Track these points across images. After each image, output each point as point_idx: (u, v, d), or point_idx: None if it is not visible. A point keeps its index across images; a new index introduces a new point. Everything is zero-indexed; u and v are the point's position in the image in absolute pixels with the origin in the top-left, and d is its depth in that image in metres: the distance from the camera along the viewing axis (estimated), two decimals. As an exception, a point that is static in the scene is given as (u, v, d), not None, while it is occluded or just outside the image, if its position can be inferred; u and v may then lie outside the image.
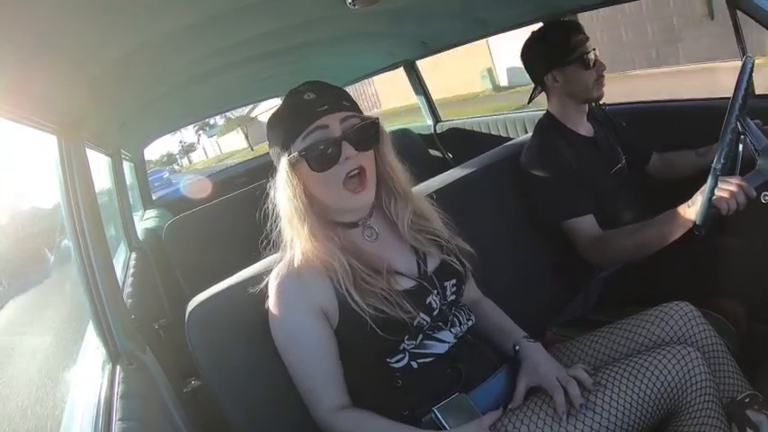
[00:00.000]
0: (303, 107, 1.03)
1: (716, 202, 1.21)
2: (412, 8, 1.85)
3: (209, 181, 4.00)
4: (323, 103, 1.02)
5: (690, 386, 0.96)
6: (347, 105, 1.05)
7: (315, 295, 1.02)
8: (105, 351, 1.18)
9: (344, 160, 1.01)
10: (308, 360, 1.03)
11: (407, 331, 1.02)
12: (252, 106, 17.16)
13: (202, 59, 1.73)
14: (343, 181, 1.02)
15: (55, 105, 1.25)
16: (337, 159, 1.01)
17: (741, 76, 1.24)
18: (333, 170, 1.01)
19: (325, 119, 1.01)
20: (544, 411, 0.97)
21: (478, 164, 1.70)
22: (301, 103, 1.03)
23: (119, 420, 0.92)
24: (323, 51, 2.42)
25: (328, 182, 1.02)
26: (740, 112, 1.22)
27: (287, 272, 1.04)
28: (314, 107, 1.02)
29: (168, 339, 1.68)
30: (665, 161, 1.82)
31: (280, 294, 1.03)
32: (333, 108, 1.02)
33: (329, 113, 1.02)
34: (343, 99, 1.06)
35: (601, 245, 1.50)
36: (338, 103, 1.04)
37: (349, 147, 1.01)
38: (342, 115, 1.03)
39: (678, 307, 1.11)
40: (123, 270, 2.09)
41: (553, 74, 1.62)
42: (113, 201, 2.58)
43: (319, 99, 1.03)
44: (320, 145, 1.00)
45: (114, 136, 2.34)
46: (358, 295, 0.99)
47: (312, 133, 1.01)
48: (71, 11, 0.87)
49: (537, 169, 1.58)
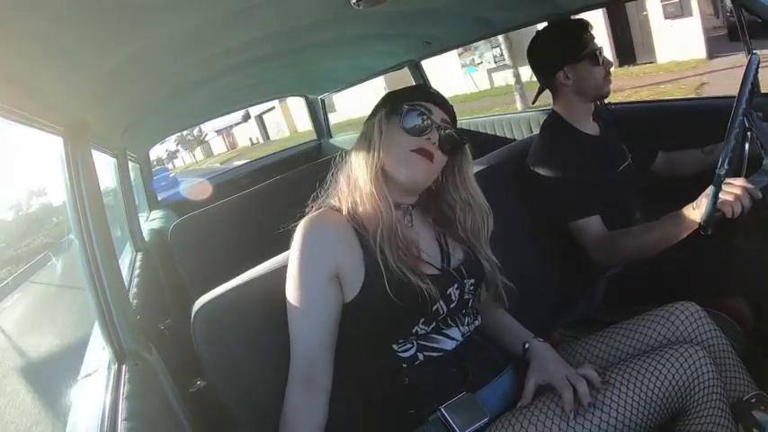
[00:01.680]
0: (424, 91, 1.20)
1: (721, 205, 1.20)
2: (416, 8, 1.85)
3: (209, 183, 4.00)
4: (440, 99, 1.17)
5: (697, 385, 0.96)
6: (452, 118, 1.20)
7: (338, 255, 1.04)
8: (111, 351, 1.19)
9: (427, 139, 1.11)
10: (314, 326, 1.04)
11: (425, 313, 1.03)
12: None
13: (207, 61, 1.74)
14: (412, 148, 1.11)
15: (61, 107, 1.26)
16: (421, 133, 1.11)
17: (747, 73, 1.23)
18: (413, 138, 1.11)
19: (436, 109, 1.15)
20: (552, 411, 0.97)
21: (483, 164, 1.69)
22: (422, 87, 1.27)
23: (124, 420, 0.92)
24: (328, 53, 2.42)
25: (403, 142, 1.11)
26: (746, 109, 1.21)
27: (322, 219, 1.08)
28: (433, 97, 1.17)
29: (173, 340, 1.68)
30: (671, 160, 1.81)
31: (307, 239, 1.06)
32: (444, 108, 1.17)
33: (440, 108, 1.16)
34: (452, 112, 1.20)
35: (607, 245, 1.49)
36: (449, 109, 1.18)
37: (436, 135, 1.12)
38: (446, 117, 1.17)
39: (684, 307, 1.11)
40: (129, 271, 2.10)
41: (565, 70, 1.62)
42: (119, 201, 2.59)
43: (438, 96, 1.18)
44: (422, 116, 1.13)
45: (119, 137, 2.35)
46: (390, 253, 1.03)
47: (421, 105, 1.14)
48: (76, 14, 0.88)
49: (543, 169, 1.57)
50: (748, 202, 1.20)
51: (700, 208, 1.24)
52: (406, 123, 1.11)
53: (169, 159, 38.71)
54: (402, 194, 1.14)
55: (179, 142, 34.12)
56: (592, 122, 1.71)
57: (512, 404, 1.04)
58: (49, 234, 13.84)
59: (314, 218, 1.08)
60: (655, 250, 1.39)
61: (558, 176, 1.55)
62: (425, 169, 1.11)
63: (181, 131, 12.08)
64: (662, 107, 2.14)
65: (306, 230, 1.06)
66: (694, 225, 1.26)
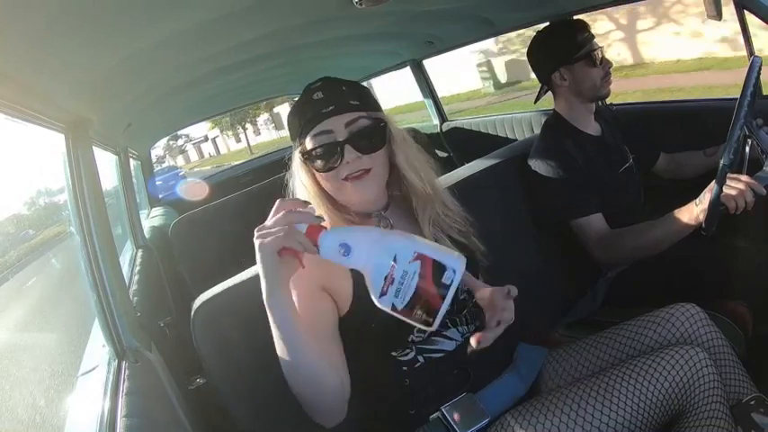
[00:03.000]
0: (310, 107, 1.03)
1: (724, 199, 1.20)
2: (418, 8, 1.85)
3: (205, 184, 3.98)
4: (329, 104, 1.02)
5: (697, 386, 0.96)
6: (355, 105, 1.04)
7: (323, 274, 0.99)
8: (111, 348, 1.19)
9: (346, 163, 1.01)
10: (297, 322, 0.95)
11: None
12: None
13: (209, 59, 1.74)
14: (341, 178, 1.02)
15: (63, 104, 1.26)
16: (339, 162, 1.01)
17: (749, 76, 1.24)
18: (335, 171, 1.02)
19: (329, 122, 1.01)
20: (552, 412, 0.97)
21: (485, 163, 1.70)
22: (309, 103, 1.03)
23: (123, 417, 0.92)
24: (330, 51, 2.42)
25: (329, 178, 1.03)
26: (747, 111, 1.21)
27: None
28: (319, 109, 1.02)
29: (174, 337, 1.69)
30: (673, 161, 1.81)
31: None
32: (338, 109, 1.02)
33: (334, 115, 1.01)
34: (352, 98, 1.04)
35: (609, 244, 1.49)
36: (345, 103, 1.03)
37: (352, 150, 1.00)
38: (348, 117, 1.02)
39: (685, 308, 1.11)
40: (129, 268, 2.10)
41: (560, 72, 1.62)
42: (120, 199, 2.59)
43: (326, 100, 1.02)
44: (323, 149, 1.01)
45: (121, 135, 2.35)
46: None
47: (317, 136, 1.02)
48: (78, 11, 0.88)
49: (545, 169, 1.57)
50: (751, 197, 1.20)
51: (702, 204, 1.24)
52: (318, 165, 1.02)
53: (158, 163, 39.37)
54: (361, 206, 1.09)
55: (166, 149, 34.78)
56: (593, 123, 1.70)
57: (513, 405, 1.04)
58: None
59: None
60: (657, 249, 1.39)
61: (559, 176, 1.54)
62: (365, 187, 1.03)
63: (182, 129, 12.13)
64: (664, 108, 2.14)
65: None
66: (697, 222, 1.26)
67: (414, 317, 0.80)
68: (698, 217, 1.26)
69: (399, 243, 0.81)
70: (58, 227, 4.65)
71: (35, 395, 1.62)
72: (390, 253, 0.79)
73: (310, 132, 1.02)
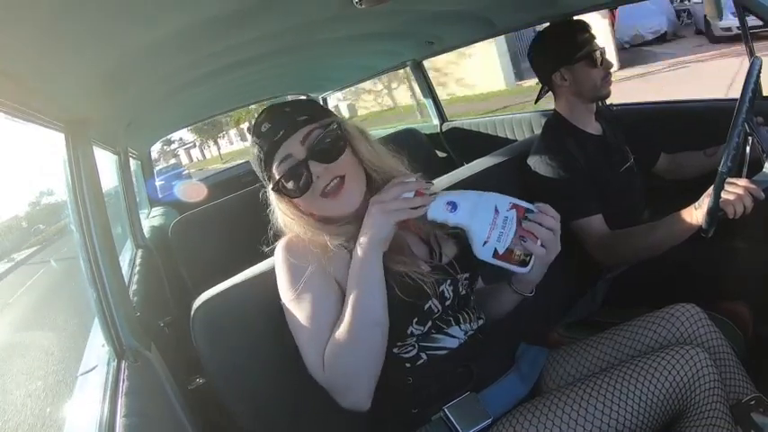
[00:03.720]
0: (263, 141, 1.06)
1: (723, 205, 1.21)
2: (418, 8, 1.85)
3: (203, 185, 3.96)
4: (278, 131, 1.04)
5: (698, 387, 0.96)
6: (305, 119, 1.05)
7: (329, 261, 1.02)
8: (110, 348, 1.19)
9: (317, 178, 1.02)
10: (316, 316, 0.99)
11: (416, 313, 1.02)
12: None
13: (210, 58, 1.74)
14: (320, 193, 1.03)
15: (62, 104, 1.26)
16: (310, 180, 1.03)
17: (749, 77, 1.24)
18: (309, 191, 1.04)
19: (285, 146, 1.04)
20: (553, 412, 0.97)
21: (485, 164, 1.70)
22: (261, 137, 1.06)
23: (123, 417, 0.92)
24: (329, 51, 2.42)
25: (308, 199, 1.05)
26: (747, 113, 1.21)
27: (296, 240, 1.06)
28: (271, 138, 1.04)
29: (173, 337, 1.69)
30: (674, 161, 1.81)
31: (291, 249, 1.04)
32: (289, 132, 1.04)
33: (287, 139, 1.03)
34: (298, 114, 1.06)
35: (609, 244, 1.49)
36: (293, 122, 1.04)
37: (317, 164, 1.02)
38: (301, 135, 1.04)
39: (684, 309, 1.11)
40: (129, 267, 2.10)
41: (561, 72, 1.62)
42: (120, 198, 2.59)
43: (274, 128, 1.04)
44: (289, 173, 1.03)
45: (121, 134, 2.35)
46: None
47: (280, 164, 1.05)
48: (79, 9, 0.88)
49: (546, 168, 1.57)
50: (750, 202, 1.20)
51: (702, 208, 1.24)
52: (292, 191, 1.04)
53: (163, 161, 39.93)
54: (346, 217, 1.09)
55: (161, 153, 35.80)
56: (594, 122, 1.71)
57: (516, 404, 1.04)
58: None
59: (288, 239, 1.07)
60: (657, 251, 1.39)
61: (559, 175, 1.54)
62: (347, 197, 1.04)
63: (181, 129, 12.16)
64: (664, 108, 2.13)
65: (286, 250, 1.05)
66: (697, 225, 1.26)
67: (513, 258, 0.97)
68: (697, 221, 1.26)
69: (495, 196, 0.99)
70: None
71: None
72: (492, 204, 0.98)
73: (272, 164, 1.05)
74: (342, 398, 0.99)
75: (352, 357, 0.95)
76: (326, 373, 0.96)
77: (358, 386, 0.98)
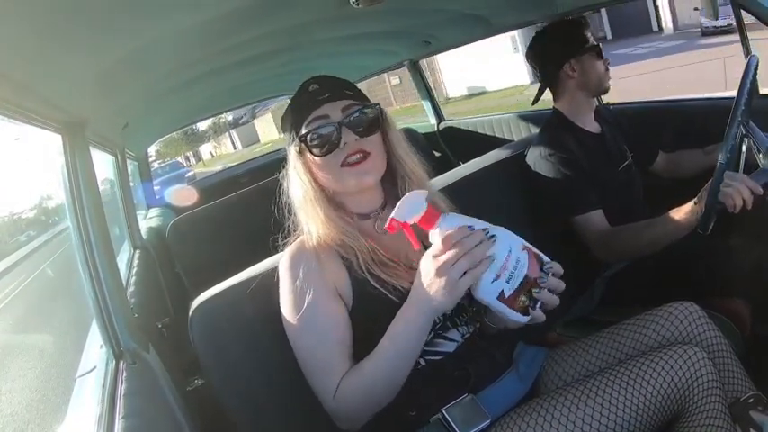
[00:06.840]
0: (306, 97, 1.08)
1: (722, 197, 1.21)
2: (415, 8, 1.85)
3: (194, 189, 3.92)
4: (324, 93, 1.06)
5: (696, 386, 0.96)
6: (350, 94, 1.08)
7: (330, 275, 1.02)
8: (108, 349, 1.18)
9: (344, 145, 1.03)
10: (325, 341, 0.99)
11: None
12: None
13: (207, 59, 1.73)
14: (341, 162, 1.04)
15: (59, 105, 1.26)
16: (337, 144, 1.03)
17: (745, 75, 1.24)
18: (333, 155, 1.04)
19: (326, 107, 1.05)
20: (551, 413, 0.96)
21: (482, 163, 1.70)
22: (305, 94, 1.08)
23: (122, 418, 0.92)
24: (326, 51, 2.42)
25: (329, 164, 1.05)
26: (744, 111, 1.21)
27: (302, 249, 1.05)
28: (315, 97, 1.06)
29: (171, 338, 1.68)
30: (672, 160, 1.82)
31: (294, 269, 1.03)
32: (334, 97, 1.06)
33: (330, 101, 1.05)
34: (346, 88, 1.10)
35: (609, 240, 1.50)
36: (340, 92, 1.08)
37: (349, 132, 1.03)
38: (344, 104, 1.06)
39: (683, 307, 1.10)
40: (127, 268, 2.09)
41: (571, 63, 1.63)
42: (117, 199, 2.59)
43: (321, 89, 1.07)
44: (319, 132, 1.03)
45: (118, 135, 2.34)
46: (374, 279, 1.00)
47: (313, 122, 1.05)
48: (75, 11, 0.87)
49: (545, 165, 1.58)
50: (749, 195, 1.20)
51: (701, 202, 1.24)
52: (316, 149, 1.04)
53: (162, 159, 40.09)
54: (363, 202, 1.11)
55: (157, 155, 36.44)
56: (593, 121, 1.71)
57: (513, 405, 1.03)
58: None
59: (293, 249, 1.06)
60: (656, 247, 1.39)
61: (559, 172, 1.55)
62: (367, 170, 1.05)
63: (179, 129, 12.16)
64: (662, 107, 2.14)
65: (291, 260, 1.04)
66: (695, 220, 1.26)
67: (516, 304, 0.88)
68: (697, 216, 1.26)
69: (510, 235, 0.92)
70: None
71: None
72: (507, 243, 0.89)
73: (307, 119, 1.06)
74: (341, 422, 1.00)
75: (371, 403, 0.97)
76: (336, 402, 0.97)
77: (364, 418, 1.00)
